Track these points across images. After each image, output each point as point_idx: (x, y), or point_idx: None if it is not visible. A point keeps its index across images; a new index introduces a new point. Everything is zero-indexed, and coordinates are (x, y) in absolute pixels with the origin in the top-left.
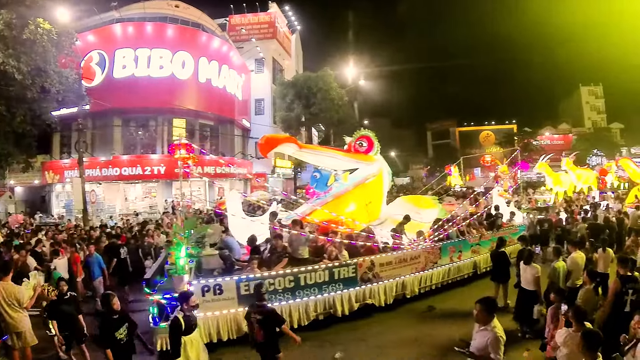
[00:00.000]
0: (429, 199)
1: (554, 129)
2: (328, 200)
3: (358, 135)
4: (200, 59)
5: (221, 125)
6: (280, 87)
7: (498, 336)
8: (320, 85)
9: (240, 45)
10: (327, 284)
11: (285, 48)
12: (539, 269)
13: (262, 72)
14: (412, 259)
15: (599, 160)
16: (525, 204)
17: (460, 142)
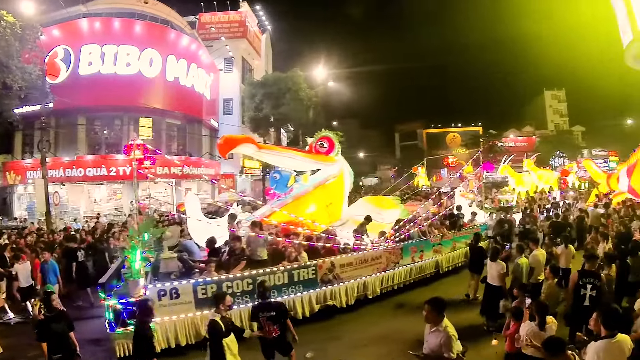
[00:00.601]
0: (390, 199)
1: (518, 131)
2: (288, 201)
3: (319, 136)
4: (168, 56)
5: (189, 124)
6: (249, 87)
7: (450, 335)
8: (290, 85)
9: (209, 43)
10: (287, 286)
11: (255, 48)
12: (504, 266)
13: (231, 72)
14: (373, 260)
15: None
16: (488, 203)
17: (427, 144)
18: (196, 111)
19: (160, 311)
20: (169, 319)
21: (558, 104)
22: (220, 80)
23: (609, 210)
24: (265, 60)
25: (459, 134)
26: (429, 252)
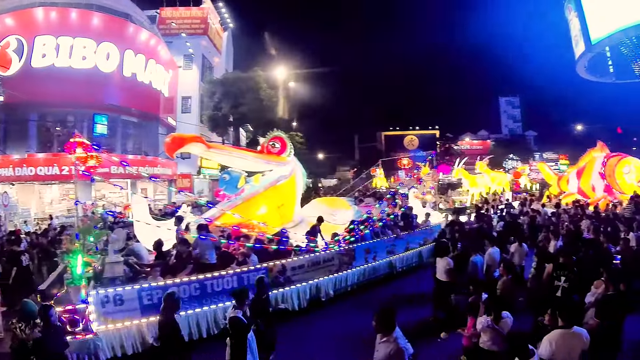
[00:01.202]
0: (343, 200)
1: (474, 135)
2: (238, 203)
3: (271, 136)
4: (126, 51)
5: (145, 122)
6: (208, 85)
7: (400, 348)
8: (250, 85)
9: (169, 39)
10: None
11: (216, 45)
12: (450, 262)
13: (190, 69)
14: (325, 262)
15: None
16: (443, 204)
17: (385, 146)
18: (153, 109)
19: (104, 319)
20: (114, 327)
21: (512, 110)
22: (179, 77)
23: (559, 210)
24: (225, 59)
25: (416, 137)
26: (383, 253)
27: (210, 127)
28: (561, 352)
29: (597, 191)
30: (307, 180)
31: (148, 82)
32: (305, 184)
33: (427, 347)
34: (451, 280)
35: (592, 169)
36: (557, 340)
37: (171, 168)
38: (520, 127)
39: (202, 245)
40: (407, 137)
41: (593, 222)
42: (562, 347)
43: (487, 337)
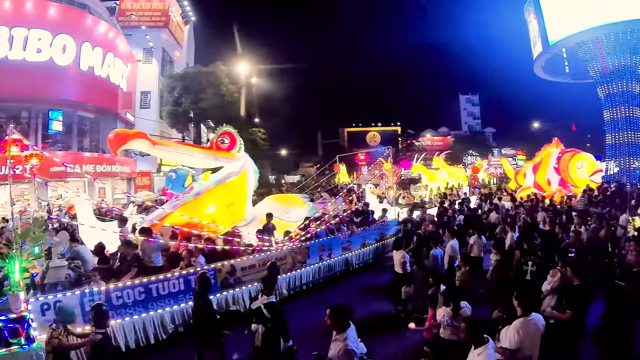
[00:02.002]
0: (297, 197)
1: (435, 132)
2: (186, 201)
3: (220, 131)
4: (83, 44)
5: (103, 118)
6: (169, 80)
7: (349, 349)
8: (211, 80)
9: (128, 32)
10: (184, 293)
11: (177, 39)
12: (404, 254)
13: (150, 63)
14: (278, 261)
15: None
16: (401, 199)
17: (348, 142)
18: (111, 104)
19: (44, 327)
20: None
21: (472, 107)
22: (138, 71)
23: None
24: (187, 53)
25: (378, 133)
26: (338, 250)
27: (170, 123)
28: (527, 340)
29: (553, 185)
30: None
31: (106, 77)
32: (257, 180)
33: (389, 341)
34: (405, 273)
35: (547, 164)
36: (521, 329)
37: (130, 166)
38: (480, 124)
39: (148, 247)
40: (370, 134)
41: (548, 214)
42: (527, 334)
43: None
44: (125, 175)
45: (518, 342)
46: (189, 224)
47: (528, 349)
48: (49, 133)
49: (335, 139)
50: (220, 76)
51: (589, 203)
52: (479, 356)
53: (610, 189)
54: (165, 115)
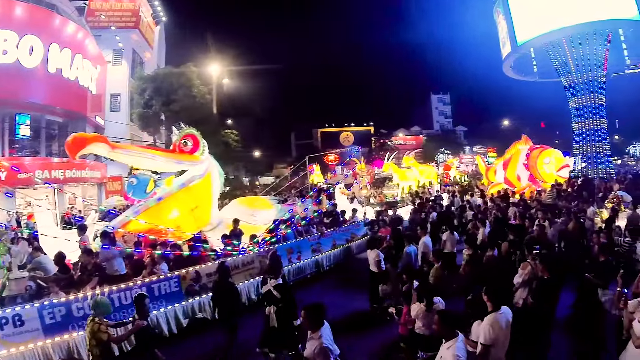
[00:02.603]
0: (265, 199)
1: (407, 131)
2: (148, 207)
3: (183, 133)
4: (51, 45)
5: (71, 122)
6: (139, 82)
7: (324, 347)
8: (182, 81)
9: (98, 32)
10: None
11: (148, 40)
12: (378, 253)
13: (120, 64)
14: (245, 265)
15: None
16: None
17: (322, 142)
18: (80, 107)
19: (3, 343)
20: (16, 351)
21: (443, 106)
22: (107, 73)
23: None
24: (157, 54)
25: (351, 133)
26: (308, 252)
27: (141, 126)
28: (500, 335)
29: (522, 181)
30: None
31: (74, 79)
32: (222, 183)
33: (365, 338)
34: (380, 271)
35: (517, 161)
36: (494, 324)
37: (100, 170)
38: (451, 123)
39: (107, 256)
40: (343, 134)
41: (519, 209)
42: (500, 329)
43: (422, 322)
44: (96, 180)
45: (492, 336)
46: (152, 230)
47: (502, 343)
48: (16, 138)
49: (308, 140)
50: (191, 77)
51: (557, 197)
52: (449, 350)
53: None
54: (135, 118)
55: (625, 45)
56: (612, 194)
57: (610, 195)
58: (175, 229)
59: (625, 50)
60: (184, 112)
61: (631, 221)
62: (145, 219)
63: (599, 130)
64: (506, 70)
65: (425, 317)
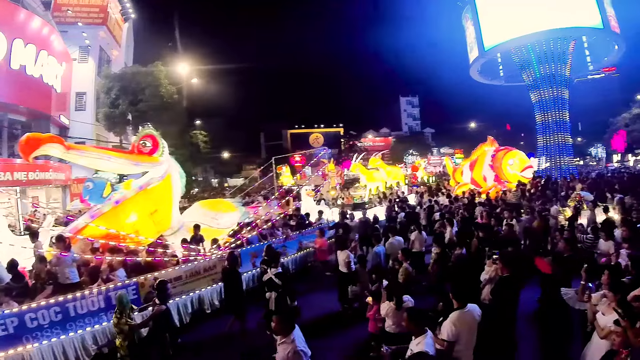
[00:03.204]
0: (228, 202)
1: (376, 132)
2: (104, 211)
3: (142, 134)
4: (15, 40)
5: (35, 122)
6: (105, 80)
7: (298, 350)
8: (150, 80)
9: (64, 28)
10: (105, 310)
11: (116, 37)
12: (348, 254)
13: (86, 62)
14: (206, 270)
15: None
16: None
17: (291, 143)
18: (44, 106)
19: None
20: None
21: (412, 109)
22: (73, 71)
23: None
24: (125, 52)
25: (321, 135)
26: None
27: (106, 126)
28: (464, 331)
29: (488, 181)
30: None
31: (39, 76)
32: (183, 185)
33: (336, 338)
34: (350, 272)
35: (483, 162)
36: (458, 321)
37: (65, 172)
38: (419, 125)
39: (62, 263)
40: (313, 135)
41: (485, 209)
42: (464, 325)
43: (392, 320)
44: (60, 182)
45: (455, 333)
46: (109, 236)
47: (466, 339)
48: None
49: (278, 141)
50: (159, 77)
51: (522, 197)
52: (418, 345)
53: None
54: (101, 117)
55: (588, 51)
56: (575, 193)
57: (573, 195)
58: (134, 233)
59: (588, 57)
60: (152, 112)
61: (591, 220)
62: (101, 224)
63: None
64: (473, 74)
65: (395, 315)
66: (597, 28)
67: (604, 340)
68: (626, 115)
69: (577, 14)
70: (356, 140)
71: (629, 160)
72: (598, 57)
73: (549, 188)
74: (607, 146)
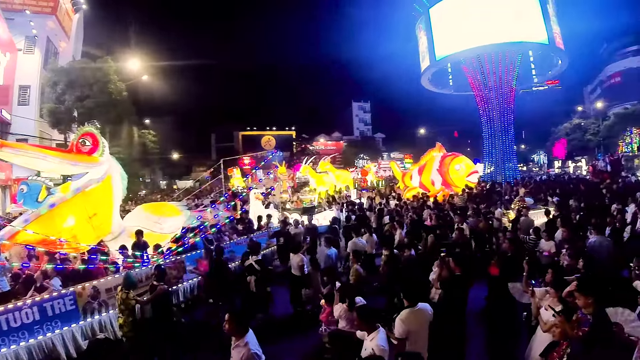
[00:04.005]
0: (172, 205)
1: (328, 136)
2: (39, 215)
3: (81, 132)
4: None
5: None
6: (51, 74)
7: (252, 353)
8: (99, 76)
9: (10, 16)
10: (40, 323)
11: (65, 28)
12: (302, 258)
13: (32, 53)
14: (149, 278)
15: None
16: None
17: (243, 146)
18: None
19: None
20: None
21: (363, 114)
22: (17, 62)
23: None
24: (74, 45)
25: (273, 137)
26: None
27: (51, 122)
28: (413, 328)
29: (436, 185)
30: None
31: None
32: (125, 188)
33: (291, 341)
34: (303, 275)
35: (431, 167)
36: (407, 318)
37: (5, 172)
38: (371, 130)
39: None
40: (265, 137)
41: (433, 212)
42: (413, 323)
43: (345, 322)
44: (0, 182)
45: (404, 331)
46: (45, 242)
47: (417, 336)
48: None
49: (229, 143)
50: (109, 72)
51: (468, 200)
52: (372, 341)
53: (485, 188)
54: (46, 113)
55: (533, 65)
56: (518, 197)
57: (516, 198)
58: (72, 239)
59: (533, 70)
60: (99, 110)
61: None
62: (36, 229)
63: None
64: (424, 82)
65: (348, 316)
66: (543, 43)
67: (547, 334)
68: (567, 125)
69: (526, 29)
70: (308, 144)
71: (569, 166)
72: (543, 70)
73: (494, 192)
74: (548, 153)
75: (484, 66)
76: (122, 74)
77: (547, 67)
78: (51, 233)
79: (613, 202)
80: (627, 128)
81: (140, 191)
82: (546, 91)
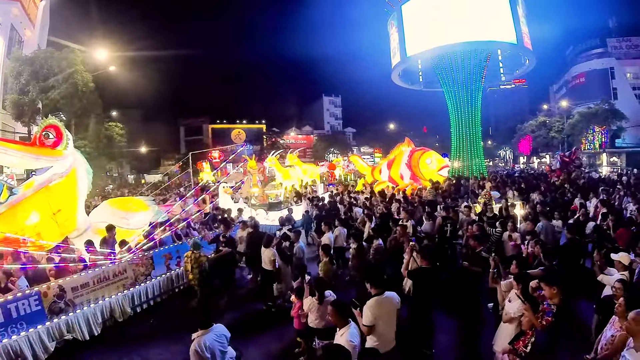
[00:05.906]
0: (139, 200)
1: (299, 130)
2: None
3: (44, 124)
4: None
5: None
6: (15, 63)
7: (194, 349)
8: (64, 66)
9: None
10: (4, 325)
11: (30, 16)
12: (274, 252)
13: None
14: (116, 275)
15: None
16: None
17: (212, 139)
18: None
19: None
20: None
21: (334, 109)
22: None
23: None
24: (40, 33)
25: (243, 130)
26: None
27: (14, 114)
28: (382, 316)
29: (405, 179)
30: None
31: None
32: (90, 182)
33: (263, 336)
34: (274, 270)
35: (400, 161)
36: (375, 307)
37: None
38: (341, 124)
39: None
40: (235, 131)
41: (402, 205)
42: (381, 311)
43: (315, 315)
44: None
45: (372, 317)
46: (8, 240)
47: (384, 322)
48: None
49: (199, 136)
50: (75, 62)
51: (436, 194)
52: (342, 336)
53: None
54: (8, 105)
55: (502, 64)
56: (485, 191)
57: (483, 192)
58: (36, 237)
59: (501, 69)
60: (64, 101)
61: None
62: None
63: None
64: (394, 78)
65: (318, 310)
66: (511, 43)
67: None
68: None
69: (495, 29)
70: (279, 137)
71: (534, 162)
72: (510, 69)
73: (462, 186)
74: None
75: (453, 64)
76: (89, 65)
77: (515, 66)
78: (14, 231)
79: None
80: (590, 126)
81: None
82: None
